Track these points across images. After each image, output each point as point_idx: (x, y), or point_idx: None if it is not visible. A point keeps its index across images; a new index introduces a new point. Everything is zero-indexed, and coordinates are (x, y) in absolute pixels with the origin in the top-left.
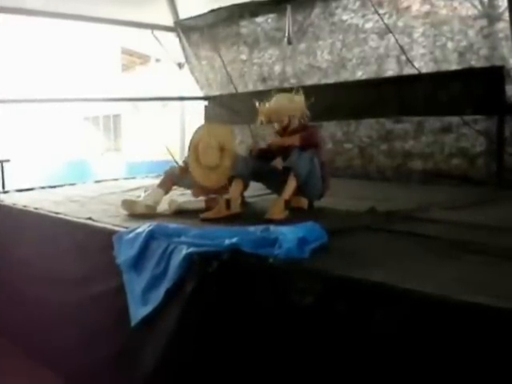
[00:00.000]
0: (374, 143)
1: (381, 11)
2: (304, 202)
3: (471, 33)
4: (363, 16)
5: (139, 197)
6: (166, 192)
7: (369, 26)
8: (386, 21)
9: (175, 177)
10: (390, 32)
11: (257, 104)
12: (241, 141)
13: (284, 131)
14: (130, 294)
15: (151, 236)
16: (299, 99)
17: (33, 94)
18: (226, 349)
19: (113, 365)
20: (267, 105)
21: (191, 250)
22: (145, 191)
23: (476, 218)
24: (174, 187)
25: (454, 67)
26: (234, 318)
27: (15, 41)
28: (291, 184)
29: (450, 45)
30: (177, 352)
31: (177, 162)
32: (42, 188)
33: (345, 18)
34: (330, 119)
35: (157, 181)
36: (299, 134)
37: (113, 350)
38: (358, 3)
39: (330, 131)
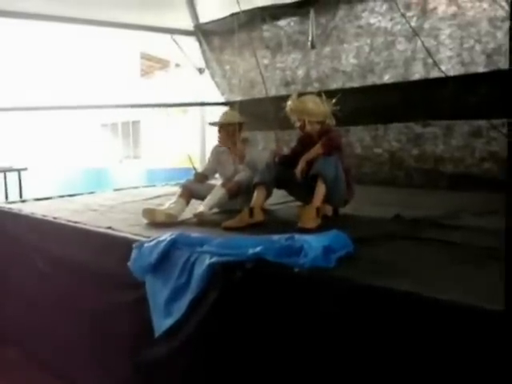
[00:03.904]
0: (404, 147)
1: (408, 14)
2: (328, 209)
3: (499, 34)
4: (391, 19)
5: (160, 205)
6: (188, 202)
7: (397, 28)
8: (413, 23)
9: (192, 186)
10: (416, 35)
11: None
12: (264, 147)
13: (302, 130)
14: (153, 305)
15: (173, 245)
16: (323, 103)
17: (51, 101)
18: (251, 360)
19: (134, 375)
20: (289, 103)
21: (214, 259)
22: (169, 201)
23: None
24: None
25: (481, 70)
26: (259, 328)
27: (34, 46)
28: (320, 190)
29: (477, 47)
30: (201, 363)
31: (196, 170)
32: (61, 197)
33: (372, 21)
34: (356, 124)
35: (177, 188)
36: (321, 140)
37: (133, 360)
38: (385, 6)
39: (359, 136)
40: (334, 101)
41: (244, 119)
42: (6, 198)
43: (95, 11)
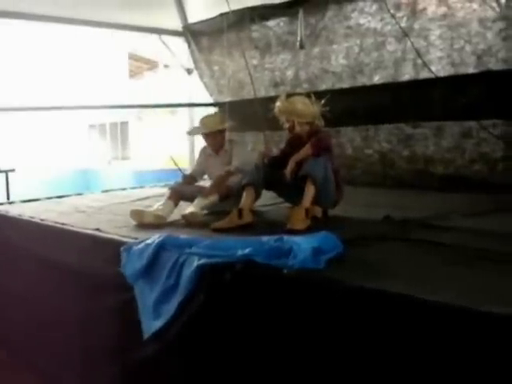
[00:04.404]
0: (394, 148)
1: (398, 14)
2: (318, 211)
3: (489, 35)
4: (381, 19)
5: (148, 206)
6: (176, 204)
7: (387, 29)
8: (403, 24)
9: (181, 188)
10: (406, 35)
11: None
12: (252, 148)
13: (290, 132)
14: (141, 307)
15: (161, 247)
16: (312, 104)
17: (38, 102)
18: (240, 361)
19: (121, 377)
20: (278, 104)
21: (203, 261)
22: (158, 203)
23: (495, 225)
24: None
25: (471, 70)
26: (248, 330)
27: (20, 46)
28: (310, 191)
29: (467, 47)
30: (190, 365)
31: (182, 171)
32: (49, 198)
33: (362, 21)
34: (346, 125)
35: (165, 190)
36: (310, 141)
37: (122, 363)
38: (374, 6)
39: (349, 137)
40: (322, 102)
41: (224, 123)
42: None
43: (83, 11)
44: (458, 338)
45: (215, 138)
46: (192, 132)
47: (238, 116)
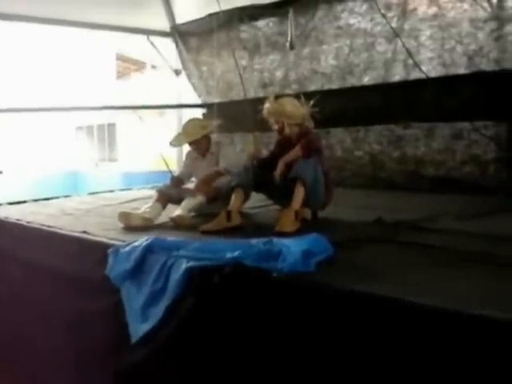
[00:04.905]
0: (385, 150)
1: (389, 14)
2: (307, 213)
3: (481, 35)
4: (371, 20)
5: (136, 209)
6: (164, 206)
7: (377, 29)
8: (393, 24)
9: (169, 191)
10: (397, 35)
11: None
12: (241, 149)
13: (280, 134)
14: (129, 310)
15: (149, 250)
16: (302, 105)
17: (24, 103)
18: (229, 365)
19: (109, 381)
20: (267, 105)
21: (191, 264)
22: (145, 205)
23: (485, 228)
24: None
25: (462, 71)
26: (237, 334)
27: (5, 47)
28: (300, 193)
29: (458, 48)
30: (179, 369)
31: (172, 173)
32: (36, 201)
33: (352, 21)
34: (336, 126)
35: (153, 192)
36: (299, 143)
37: (110, 368)
38: (364, 6)
39: (339, 138)
40: (311, 103)
41: (207, 128)
42: None
43: (70, 11)
44: (446, 341)
45: (200, 143)
46: (175, 142)
47: (226, 117)
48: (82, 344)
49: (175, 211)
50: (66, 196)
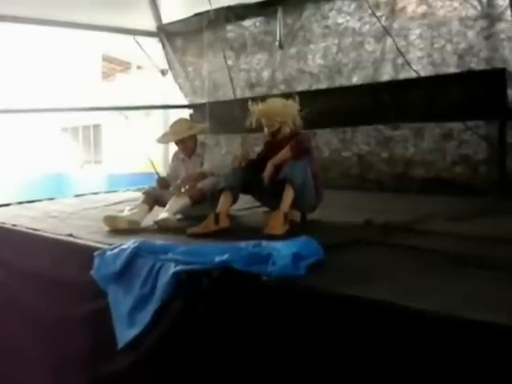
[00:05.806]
0: (373, 151)
1: (377, 13)
2: (296, 215)
3: (471, 34)
4: (360, 19)
5: (122, 211)
6: (150, 209)
7: (365, 28)
8: (382, 23)
9: (155, 193)
10: (389, 35)
11: (249, 104)
12: (228, 151)
13: (274, 136)
14: (115, 314)
15: (136, 253)
16: (292, 105)
17: (7, 104)
18: (217, 370)
19: None
20: (259, 106)
21: (179, 267)
22: (129, 207)
23: (476, 229)
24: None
25: (453, 70)
26: (226, 338)
27: None
28: (289, 195)
29: (448, 47)
30: (166, 375)
31: (159, 175)
32: (20, 203)
33: (340, 20)
34: (324, 126)
35: (139, 194)
36: (289, 144)
37: (96, 373)
38: (353, 5)
39: (326, 139)
40: (297, 103)
41: (194, 128)
42: None
43: (55, 11)
44: (438, 344)
45: (186, 143)
46: (161, 140)
47: (212, 117)
48: (67, 349)
49: (160, 214)
50: (51, 198)
